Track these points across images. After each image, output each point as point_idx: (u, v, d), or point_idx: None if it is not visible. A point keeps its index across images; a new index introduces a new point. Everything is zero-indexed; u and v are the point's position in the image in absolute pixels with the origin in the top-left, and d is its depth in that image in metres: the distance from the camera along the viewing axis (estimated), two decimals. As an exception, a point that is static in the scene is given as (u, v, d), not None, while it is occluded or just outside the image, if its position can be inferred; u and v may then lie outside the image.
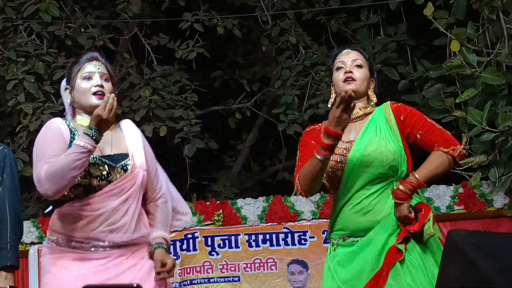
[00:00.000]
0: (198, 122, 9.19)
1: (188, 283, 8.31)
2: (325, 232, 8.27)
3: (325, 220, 8.27)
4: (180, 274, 8.33)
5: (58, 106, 8.61)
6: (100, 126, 3.43)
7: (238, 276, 8.30)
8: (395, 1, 8.66)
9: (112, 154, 3.65)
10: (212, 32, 9.50)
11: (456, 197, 7.98)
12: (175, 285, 8.29)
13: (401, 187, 3.63)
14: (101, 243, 3.53)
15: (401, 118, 3.88)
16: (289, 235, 8.35)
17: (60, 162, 3.42)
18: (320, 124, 4.12)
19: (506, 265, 1.91)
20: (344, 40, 9.50)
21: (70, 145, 3.51)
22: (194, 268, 8.34)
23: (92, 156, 3.49)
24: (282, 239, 8.33)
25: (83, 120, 3.67)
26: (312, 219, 8.34)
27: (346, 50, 4.13)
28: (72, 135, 3.59)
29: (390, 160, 3.79)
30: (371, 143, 3.87)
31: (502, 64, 7.64)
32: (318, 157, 3.64)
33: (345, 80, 3.95)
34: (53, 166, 3.44)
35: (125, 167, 3.61)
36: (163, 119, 8.91)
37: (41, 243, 8.48)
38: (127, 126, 3.83)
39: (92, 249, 3.53)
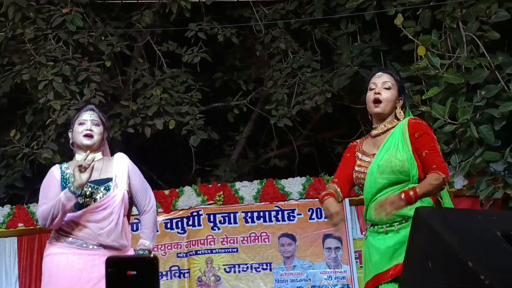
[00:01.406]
0: (202, 117, 9.21)
1: (194, 253, 8.34)
2: (311, 210, 8.32)
3: (310, 200, 8.33)
4: (187, 246, 8.36)
5: (82, 103, 8.58)
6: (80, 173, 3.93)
7: (236, 248, 8.35)
8: (370, 12, 8.63)
9: (99, 178, 4.10)
10: (213, 39, 9.48)
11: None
12: (183, 255, 8.33)
13: (402, 196, 3.68)
14: (91, 242, 4.01)
15: (415, 135, 3.89)
16: (280, 212, 8.39)
17: (47, 207, 3.97)
18: (357, 141, 4.26)
19: (464, 235, 1.90)
20: (326, 46, 9.49)
21: (61, 184, 4.10)
22: (199, 240, 8.37)
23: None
24: (274, 216, 8.38)
25: (80, 156, 4.14)
26: (299, 199, 8.38)
27: (378, 73, 4.17)
28: (62, 176, 4.14)
29: (399, 167, 3.84)
30: (386, 154, 3.93)
31: (462, 66, 7.64)
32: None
33: (374, 101, 4.02)
34: (44, 210, 3.99)
35: (107, 188, 4.09)
36: (172, 114, 8.91)
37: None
38: (118, 157, 4.28)
39: (84, 245, 4.01)
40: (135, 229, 8.54)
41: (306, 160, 10.27)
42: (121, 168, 4.20)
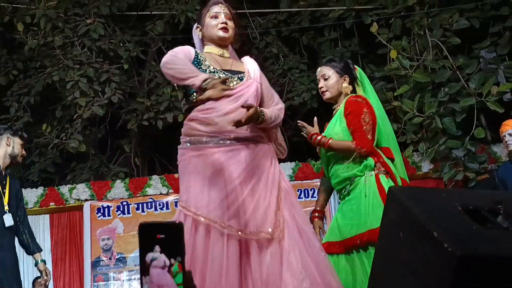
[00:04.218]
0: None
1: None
2: (299, 191, 8.30)
3: (299, 181, 8.30)
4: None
5: (104, 100, 8.59)
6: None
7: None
8: (349, 21, 8.62)
9: (231, 69, 3.34)
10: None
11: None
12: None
13: (318, 137, 3.90)
14: (227, 136, 3.13)
15: (346, 113, 3.89)
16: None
17: (182, 68, 3.13)
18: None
19: (430, 209, 1.91)
20: (312, 50, 9.48)
21: (193, 63, 3.24)
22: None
23: (212, 69, 3.26)
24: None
25: (211, 48, 3.42)
26: (290, 181, 8.33)
27: (318, 70, 4.17)
28: (196, 56, 3.31)
29: (336, 138, 3.87)
30: (328, 129, 4.01)
31: (428, 67, 7.65)
32: None
33: (322, 94, 4.11)
34: (180, 69, 3.13)
35: (241, 78, 3.28)
36: (181, 109, 8.84)
37: (93, 200, 8.49)
38: (247, 59, 3.50)
39: (221, 141, 3.13)
40: (149, 207, 8.55)
41: (295, 147, 10.25)
42: (252, 66, 3.38)
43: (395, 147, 4.07)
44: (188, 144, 3.22)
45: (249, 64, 3.41)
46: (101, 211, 8.49)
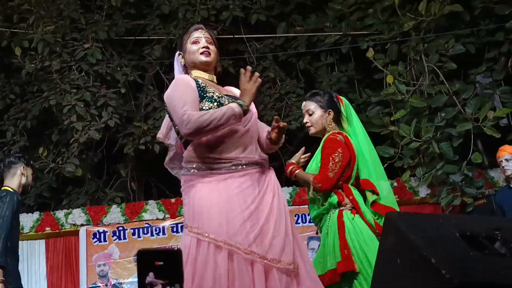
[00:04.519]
0: (203, 136, 9.16)
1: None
2: (297, 216, 8.26)
3: (296, 206, 8.26)
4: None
5: (100, 124, 8.59)
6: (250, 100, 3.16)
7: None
8: (346, 46, 8.66)
9: (227, 94, 3.32)
10: (213, 70, 9.48)
11: (392, 189, 7.97)
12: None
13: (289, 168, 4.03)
14: (239, 161, 3.10)
15: (323, 149, 3.98)
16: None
17: (208, 114, 3.04)
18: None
19: (427, 235, 1.90)
20: (309, 75, 9.51)
21: (199, 93, 3.18)
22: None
23: (217, 95, 3.22)
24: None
25: (199, 73, 3.36)
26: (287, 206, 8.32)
27: (303, 104, 4.25)
28: (197, 85, 3.23)
29: (310, 172, 3.99)
30: (309, 164, 4.12)
31: (424, 92, 7.66)
32: None
33: (308, 128, 4.22)
34: (204, 116, 3.03)
35: (240, 103, 3.12)
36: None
37: (89, 225, 8.46)
38: (229, 87, 3.52)
39: (233, 167, 3.09)
40: (145, 232, 8.51)
41: (292, 172, 10.27)
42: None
43: (382, 175, 4.12)
44: (196, 171, 3.16)
45: (236, 90, 3.41)
46: (97, 236, 8.45)
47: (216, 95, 3.22)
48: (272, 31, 9.66)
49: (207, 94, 3.21)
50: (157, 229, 8.45)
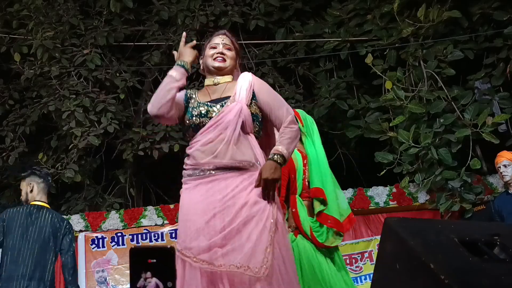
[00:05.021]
0: (202, 141, 9.17)
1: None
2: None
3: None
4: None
5: (99, 130, 8.59)
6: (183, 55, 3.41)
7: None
8: (345, 52, 8.68)
9: (220, 97, 3.31)
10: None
11: (391, 195, 7.98)
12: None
13: None
14: (206, 167, 3.12)
15: None
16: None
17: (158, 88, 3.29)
18: None
19: (426, 241, 1.90)
20: (308, 81, 9.52)
21: (184, 99, 3.39)
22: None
23: (197, 103, 3.31)
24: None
25: (206, 80, 3.47)
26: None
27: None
28: (186, 94, 3.43)
29: None
30: None
31: (423, 98, 7.67)
32: None
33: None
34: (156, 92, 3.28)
35: (222, 105, 3.24)
36: (177, 139, 8.87)
37: (88, 231, 8.44)
38: (241, 76, 3.40)
39: (201, 173, 3.12)
40: (144, 238, 8.50)
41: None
42: (242, 85, 3.30)
43: (334, 184, 4.11)
44: (183, 177, 3.26)
45: (239, 83, 3.33)
46: (96, 242, 8.43)
47: (197, 103, 3.32)
48: (271, 37, 9.68)
49: (189, 104, 3.35)
50: (156, 235, 8.44)
